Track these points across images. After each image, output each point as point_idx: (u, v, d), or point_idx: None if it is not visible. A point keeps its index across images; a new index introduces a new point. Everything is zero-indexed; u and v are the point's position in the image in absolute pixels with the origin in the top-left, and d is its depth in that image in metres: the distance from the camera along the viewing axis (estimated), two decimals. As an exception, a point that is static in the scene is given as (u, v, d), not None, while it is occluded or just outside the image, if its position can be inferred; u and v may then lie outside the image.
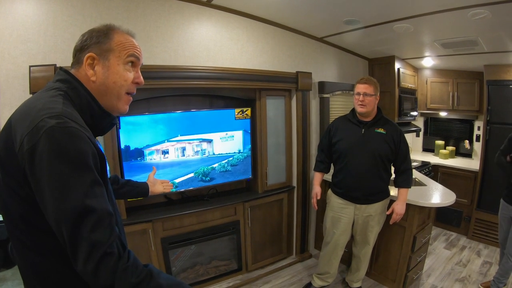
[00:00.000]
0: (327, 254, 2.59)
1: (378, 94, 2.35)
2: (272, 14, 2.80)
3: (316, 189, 2.62)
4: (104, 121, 0.96)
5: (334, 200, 2.51)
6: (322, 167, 2.64)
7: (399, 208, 2.36)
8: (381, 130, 2.33)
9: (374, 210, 2.38)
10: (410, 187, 2.40)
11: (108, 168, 1.08)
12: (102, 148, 1.09)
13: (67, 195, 0.73)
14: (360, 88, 2.32)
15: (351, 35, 3.16)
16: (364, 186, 2.33)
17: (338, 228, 2.49)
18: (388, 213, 2.43)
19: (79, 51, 0.92)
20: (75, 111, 0.85)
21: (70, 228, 0.72)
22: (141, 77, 1.00)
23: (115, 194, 1.24)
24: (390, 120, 2.44)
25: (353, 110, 2.46)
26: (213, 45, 2.64)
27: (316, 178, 2.67)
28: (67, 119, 0.76)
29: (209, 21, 2.60)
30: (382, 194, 2.41)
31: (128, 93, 0.98)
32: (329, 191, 2.60)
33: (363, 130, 2.35)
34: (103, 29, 0.93)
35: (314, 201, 2.61)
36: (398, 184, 2.42)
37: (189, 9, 2.49)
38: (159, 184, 1.70)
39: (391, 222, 2.41)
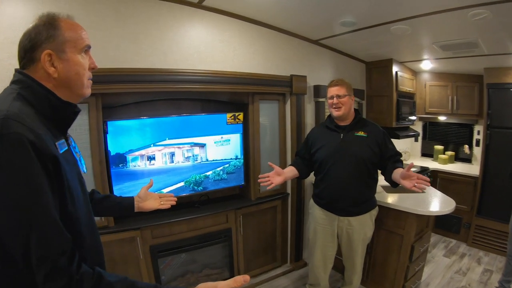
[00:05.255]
0: (316, 266, 2.46)
1: (353, 94, 2.24)
2: (265, 16, 2.74)
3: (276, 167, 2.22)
4: (66, 111, 0.95)
5: (316, 211, 2.38)
6: (294, 162, 2.44)
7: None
8: (361, 133, 2.20)
9: (359, 223, 2.24)
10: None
11: (83, 166, 1.09)
12: (75, 144, 1.07)
13: (10, 207, 0.72)
14: (332, 91, 2.21)
15: (347, 37, 3.09)
16: (348, 195, 2.18)
17: (321, 240, 2.37)
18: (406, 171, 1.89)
19: (29, 50, 0.88)
20: (28, 108, 0.84)
21: (16, 243, 0.72)
22: (95, 62, 1.01)
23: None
24: (370, 121, 2.33)
25: (330, 116, 2.34)
26: (204, 47, 2.57)
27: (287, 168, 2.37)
28: (12, 121, 0.75)
29: (200, 23, 2.53)
30: (368, 204, 2.26)
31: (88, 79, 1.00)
32: (311, 201, 2.47)
33: (342, 135, 2.22)
34: (47, 21, 0.90)
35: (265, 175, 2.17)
36: (395, 167, 2.08)
37: (179, 11, 2.42)
38: (153, 199, 1.50)
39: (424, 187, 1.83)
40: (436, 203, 2.56)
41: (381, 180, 2.32)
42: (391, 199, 2.57)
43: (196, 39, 2.52)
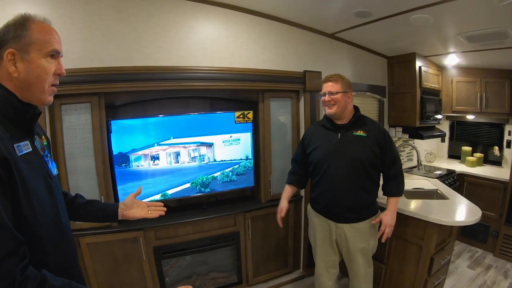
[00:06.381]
0: (319, 274, 2.28)
1: (350, 91, 2.06)
2: (274, 8, 2.59)
3: (282, 204, 2.26)
4: (27, 113, 0.94)
5: (313, 217, 2.23)
6: (292, 179, 2.34)
7: (387, 219, 2.04)
8: (360, 133, 2.03)
9: (359, 231, 2.05)
10: (401, 195, 2.11)
11: (53, 168, 1.06)
12: (38, 143, 1.03)
13: None
14: (325, 87, 2.06)
15: (364, 30, 2.87)
16: (345, 200, 2.01)
17: (321, 247, 2.20)
18: (374, 222, 2.08)
19: None
20: None
21: None
22: (63, 68, 0.99)
23: (72, 214, 1.21)
24: (371, 119, 2.15)
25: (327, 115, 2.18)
26: (210, 43, 2.46)
27: (285, 192, 2.33)
28: None
29: (205, 18, 2.42)
30: (368, 210, 2.08)
31: (52, 85, 0.98)
32: (309, 207, 2.31)
33: (339, 134, 2.06)
34: (19, 21, 0.91)
35: (278, 217, 2.26)
36: (386, 191, 2.13)
37: (183, 7, 2.33)
38: (140, 207, 1.42)
39: (383, 240, 2.06)
40: (460, 211, 2.34)
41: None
42: (410, 206, 2.38)
43: (201, 35, 2.42)
